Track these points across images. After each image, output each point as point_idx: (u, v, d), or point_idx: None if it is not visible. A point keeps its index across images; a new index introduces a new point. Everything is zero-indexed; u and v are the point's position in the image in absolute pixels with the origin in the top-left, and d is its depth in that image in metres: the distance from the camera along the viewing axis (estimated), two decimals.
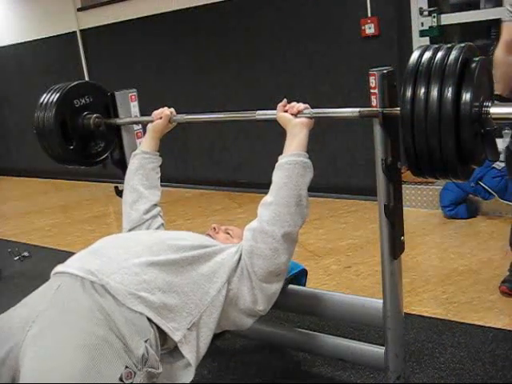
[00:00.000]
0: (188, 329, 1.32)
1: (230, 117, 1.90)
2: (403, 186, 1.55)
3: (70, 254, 1.43)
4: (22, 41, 5.63)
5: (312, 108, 1.53)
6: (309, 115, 1.51)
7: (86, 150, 2.05)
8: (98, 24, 4.95)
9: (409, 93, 1.21)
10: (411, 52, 1.26)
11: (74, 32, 5.13)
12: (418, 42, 3.53)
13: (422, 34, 3.53)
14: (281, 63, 4.00)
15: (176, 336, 1.29)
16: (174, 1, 4.39)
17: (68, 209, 4.71)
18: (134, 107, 2.06)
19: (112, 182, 2.16)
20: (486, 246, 2.82)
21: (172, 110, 1.82)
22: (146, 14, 4.58)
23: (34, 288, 1.35)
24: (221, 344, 2.09)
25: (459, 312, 2.19)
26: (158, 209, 1.79)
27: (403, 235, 1.50)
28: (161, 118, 1.79)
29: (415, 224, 3.21)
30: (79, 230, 3.91)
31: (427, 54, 1.23)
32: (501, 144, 3.16)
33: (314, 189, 1.53)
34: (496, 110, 1.21)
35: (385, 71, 1.37)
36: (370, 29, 3.49)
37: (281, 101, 1.56)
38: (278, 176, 1.46)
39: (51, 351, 1.13)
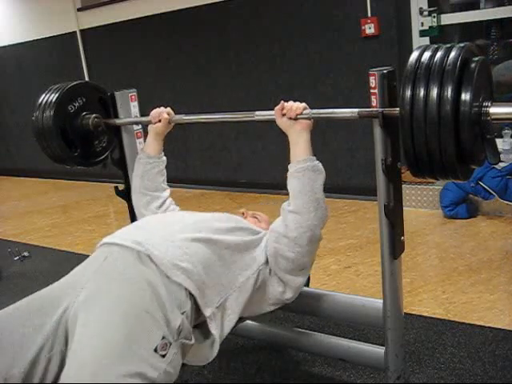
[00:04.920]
0: (216, 307, 1.38)
1: (228, 117, 1.90)
2: (403, 185, 1.55)
3: (70, 253, 1.44)
4: (22, 41, 5.63)
5: (312, 108, 1.53)
6: (307, 116, 1.50)
7: (85, 151, 2.04)
8: (97, 24, 4.95)
9: (408, 93, 1.20)
10: (411, 52, 1.26)
11: (74, 32, 5.13)
12: (418, 42, 3.53)
13: (422, 33, 3.53)
14: (281, 63, 4.00)
15: (207, 311, 1.35)
16: (174, 1, 4.39)
17: (68, 209, 4.71)
18: (134, 107, 2.06)
19: (112, 182, 2.16)
20: (486, 246, 2.82)
21: (169, 110, 1.80)
22: (146, 14, 4.58)
23: (34, 288, 1.35)
24: (221, 344, 2.09)
25: (459, 312, 2.19)
26: (170, 199, 1.82)
27: (403, 235, 1.50)
28: (159, 120, 1.78)
29: (415, 224, 3.21)
30: (79, 230, 3.91)
31: (426, 54, 1.23)
32: (501, 144, 3.17)
33: None
34: (495, 110, 1.21)
35: (385, 71, 1.37)
36: (370, 29, 3.49)
37: (278, 103, 1.55)
38: (291, 185, 1.49)
39: (98, 318, 1.19)
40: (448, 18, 3.48)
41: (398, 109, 1.30)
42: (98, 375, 1.07)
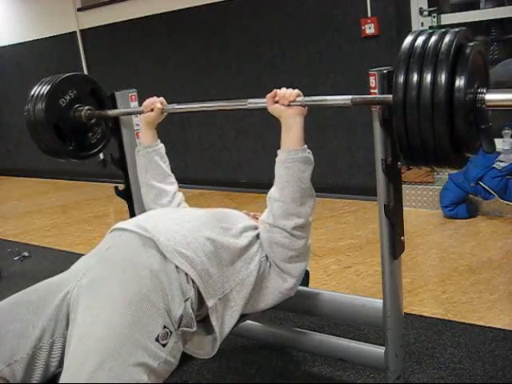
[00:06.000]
0: (219, 299, 1.38)
1: (221, 105, 1.89)
2: (403, 186, 1.55)
3: (70, 254, 1.44)
4: (22, 41, 5.64)
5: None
6: (300, 103, 1.49)
7: (80, 143, 2.01)
8: (97, 24, 4.95)
9: (401, 79, 1.17)
10: None
11: (74, 32, 5.13)
12: None
13: None
14: (281, 63, 4.00)
15: (209, 302, 1.35)
16: (174, 1, 4.39)
17: (68, 209, 4.71)
18: (134, 107, 2.06)
19: (112, 182, 2.16)
20: (486, 246, 2.82)
21: (162, 99, 1.79)
22: (146, 14, 4.58)
23: None
24: (221, 344, 2.09)
25: (459, 312, 2.19)
26: (181, 195, 1.84)
27: (403, 235, 1.50)
28: (152, 110, 1.77)
29: (415, 224, 3.21)
30: (79, 230, 3.91)
31: (420, 39, 1.20)
32: (501, 144, 3.17)
33: (314, 189, 1.53)
34: (491, 97, 1.18)
35: (385, 71, 1.37)
36: (370, 29, 3.49)
37: (271, 90, 1.55)
38: (279, 173, 1.49)
39: (101, 304, 1.19)
40: (448, 18, 3.48)
41: (391, 95, 1.25)
42: (103, 364, 1.08)
